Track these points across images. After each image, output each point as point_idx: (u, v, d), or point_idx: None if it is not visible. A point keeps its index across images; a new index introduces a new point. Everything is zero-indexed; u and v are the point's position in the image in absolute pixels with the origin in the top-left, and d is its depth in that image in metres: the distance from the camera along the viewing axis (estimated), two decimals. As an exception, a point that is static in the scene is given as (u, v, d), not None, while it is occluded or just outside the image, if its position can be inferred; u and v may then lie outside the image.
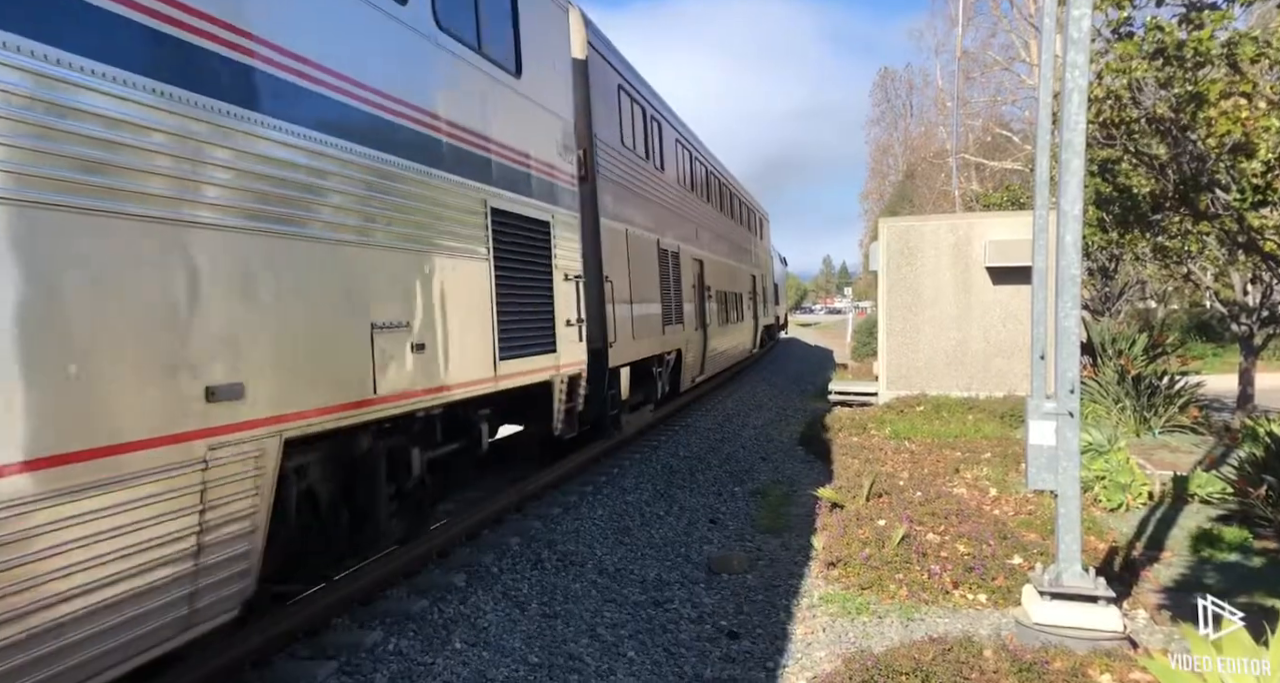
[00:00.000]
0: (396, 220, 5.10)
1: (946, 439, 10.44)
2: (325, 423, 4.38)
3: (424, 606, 5.56)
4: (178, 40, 3.53)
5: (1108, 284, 19.22)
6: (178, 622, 3.48)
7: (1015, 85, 32.59)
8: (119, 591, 3.12)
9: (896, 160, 59.12)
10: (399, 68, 5.25)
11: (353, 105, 4.75)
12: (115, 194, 3.15)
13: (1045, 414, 4.73)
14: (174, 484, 3.34)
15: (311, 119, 4.35)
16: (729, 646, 5.20)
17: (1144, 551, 6.28)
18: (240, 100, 3.84)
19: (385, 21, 5.11)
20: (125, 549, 3.13)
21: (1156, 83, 7.47)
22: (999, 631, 4.83)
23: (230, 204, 3.74)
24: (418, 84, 5.43)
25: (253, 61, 3.97)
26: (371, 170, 4.87)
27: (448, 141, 5.75)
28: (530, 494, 8.35)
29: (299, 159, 4.22)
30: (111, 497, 3.06)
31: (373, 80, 4.94)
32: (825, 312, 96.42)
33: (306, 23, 4.40)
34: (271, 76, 4.09)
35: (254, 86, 3.96)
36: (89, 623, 3.01)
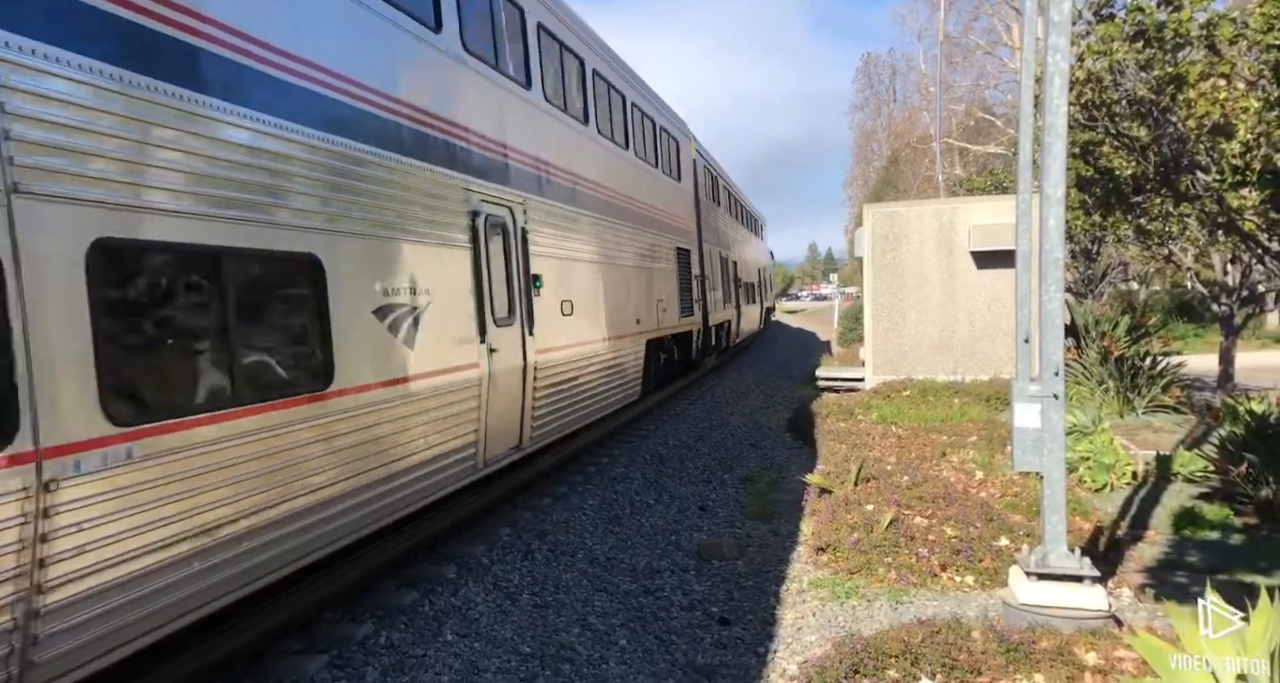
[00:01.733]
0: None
1: (933, 423, 10.50)
2: (653, 336, 12.32)
3: (415, 598, 5.56)
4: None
5: (1091, 267, 19.35)
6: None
7: (998, 69, 32.69)
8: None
9: (880, 146, 59.19)
10: (673, 198, 14.41)
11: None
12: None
13: (1030, 397, 4.77)
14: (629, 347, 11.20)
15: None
16: (720, 632, 5.24)
17: (1128, 530, 6.35)
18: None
19: (672, 187, 14.43)
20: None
21: (1137, 65, 7.50)
22: (986, 612, 4.88)
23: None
24: (676, 205, 14.64)
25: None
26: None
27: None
28: (521, 484, 8.35)
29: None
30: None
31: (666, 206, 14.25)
32: (811, 298, 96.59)
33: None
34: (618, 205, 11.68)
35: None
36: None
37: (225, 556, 4.06)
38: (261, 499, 4.27)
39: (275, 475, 4.38)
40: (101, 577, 3.43)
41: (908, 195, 41.23)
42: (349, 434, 4.95)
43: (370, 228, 5.29)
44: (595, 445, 10.71)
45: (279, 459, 4.40)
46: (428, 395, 5.80)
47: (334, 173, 4.97)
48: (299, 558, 4.69)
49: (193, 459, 3.84)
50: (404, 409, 5.52)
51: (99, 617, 3.46)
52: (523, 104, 8.06)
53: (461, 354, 6.35)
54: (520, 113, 7.95)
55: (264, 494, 4.29)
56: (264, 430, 4.27)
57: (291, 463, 4.48)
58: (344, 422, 4.90)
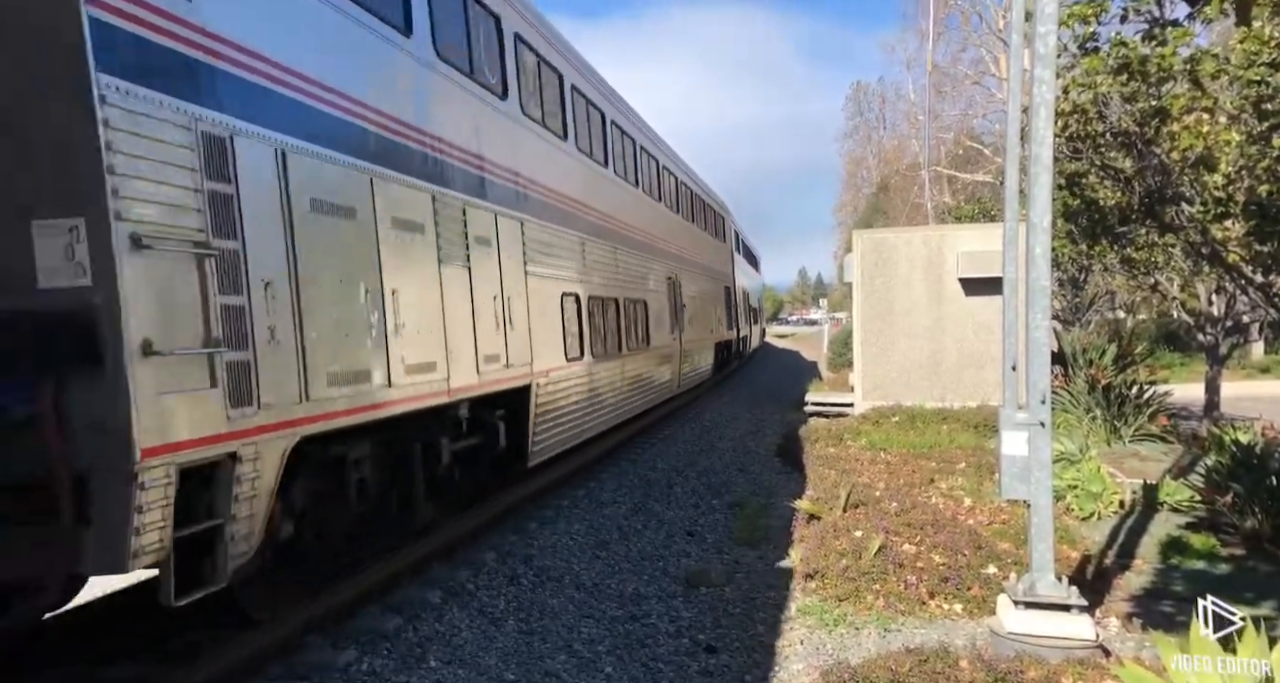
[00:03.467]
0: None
1: (921, 449, 10.51)
2: (718, 340, 22.84)
3: (399, 623, 5.48)
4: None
5: (1078, 295, 19.53)
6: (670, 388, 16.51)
7: (986, 99, 33.13)
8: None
9: (870, 173, 59.76)
10: (722, 255, 24.89)
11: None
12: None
13: (1017, 425, 4.78)
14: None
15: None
16: (707, 660, 5.18)
17: (1115, 559, 6.35)
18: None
19: (721, 247, 24.88)
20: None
21: (1121, 98, 7.62)
22: (974, 640, 4.85)
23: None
24: (722, 259, 25.09)
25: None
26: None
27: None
28: (507, 508, 8.28)
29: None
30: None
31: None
32: (801, 322, 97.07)
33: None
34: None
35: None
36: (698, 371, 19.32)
37: (605, 409, 10.75)
38: (628, 383, 12.06)
39: (635, 374, 12.37)
40: (555, 418, 8.72)
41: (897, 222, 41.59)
42: (653, 365, 13.81)
43: (699, 268, 18.40)
44: (583, 469, 10.66)
45: (641, 366, 12.73)
46: (671, 352, 15.50)
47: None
48: (630, 413, 12.56)
49: (595, 371, 10.04)
50: (663, 354, 14.68)
51: (555, 435, 8.94)
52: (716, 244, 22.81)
53: (669, 338, 15.59)
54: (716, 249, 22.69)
55: (630, 381, 12.19)
56: (640, 356, 12.57)
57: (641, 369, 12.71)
58: (650, 358, 13.44)
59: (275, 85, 4.68)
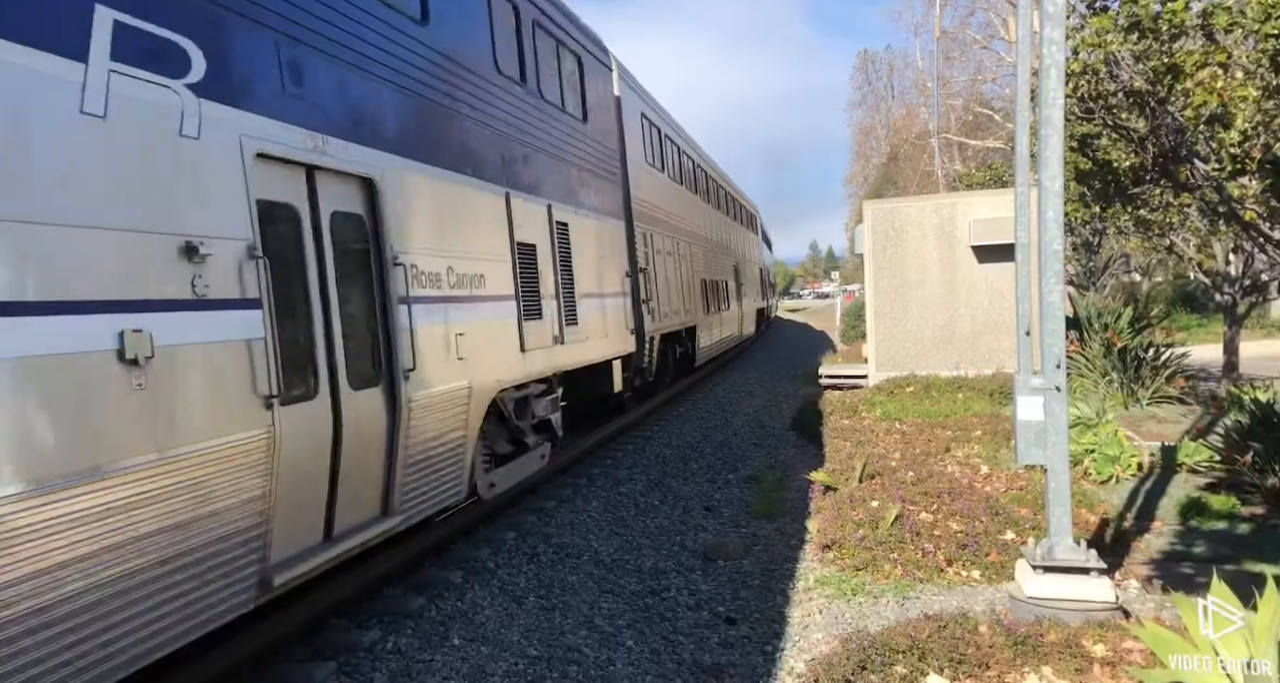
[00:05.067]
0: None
1: (937, 419, 10.49)
2: (758, 307, 32.13)
3: (421, 603, 5.56)
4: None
5: (1092, 259, 19.32)
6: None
7: (995, 63, 32.65)
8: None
9: (879, 143, 59.19)
10: (757, 244, 34.02)
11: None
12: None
13: (1033, 390, 4.76)
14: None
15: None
16: (726, 631, 5.23)
17: (1134, 521, 6.34)
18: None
19: (757, 240, 34.32)
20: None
21: (1132, 56, 7.48)
22: (993, 606, 4.87)
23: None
24: (758, 247, 34.32)
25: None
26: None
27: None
28: (525, 489, 8.34)
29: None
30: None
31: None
32: (813, 296, 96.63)
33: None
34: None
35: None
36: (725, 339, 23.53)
37: (717, 341, 19.61)
38: (724, 327, 20.79)
39: (726, 322, 21.11)
40: (705, 341, 18.32)
41: (908, 191, 41.21)
42: (734, 319, 22.76)
43: (746, 256, 27.88)
44: (598, 447, 10.71)
45: (727, 319, 21.15)
46: (738, 312, 23.96)
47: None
48: (725, 347, 21.23)
49: (710, 321, 18.50)
50: (736, 313, 23.20)
51: (705, 350, 18.07)
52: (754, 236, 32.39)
53: (736, 304, 23.52)
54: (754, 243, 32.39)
55: (724, 326, 20.87)
56: (725, 313, 21.08)
57: (727, 320, 21.32)
58: (732, 315, 22.19)
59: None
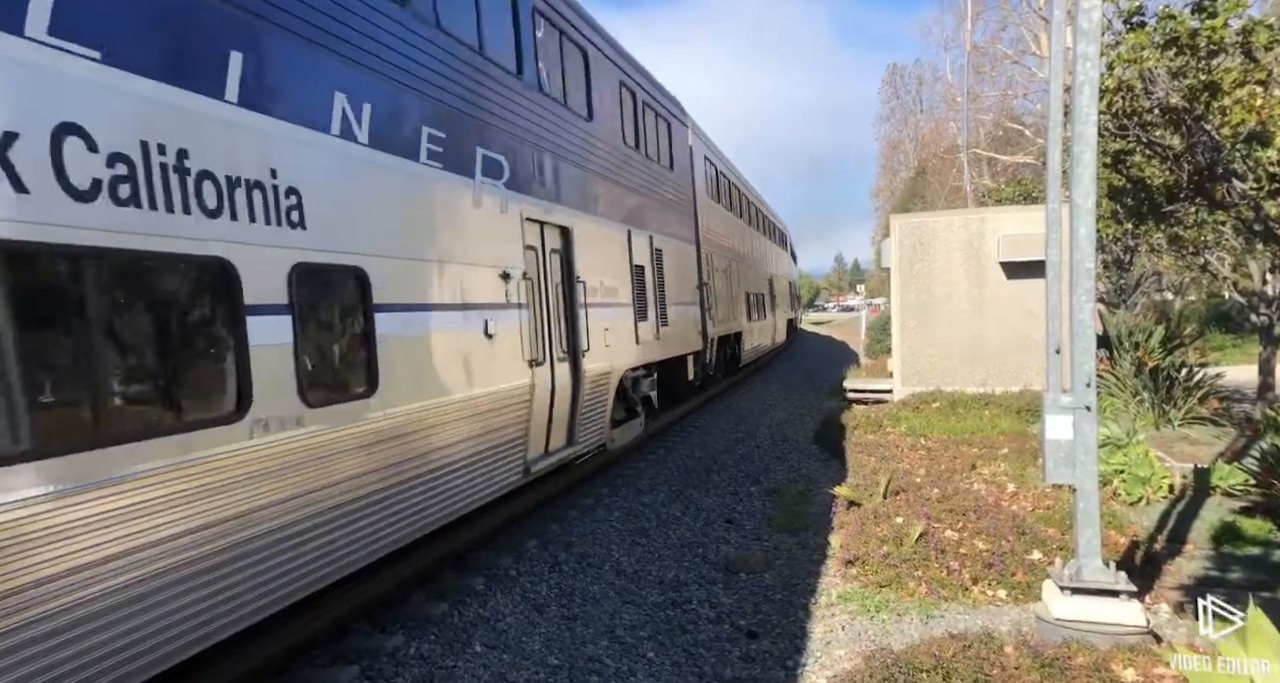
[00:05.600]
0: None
1: (963, 435, 10.38)
2: (788, 318, 35.03)
3: (444, 609, 5.59)
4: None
5: (1123, 276, 19.05)
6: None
7: (1026, 79, 32.38)
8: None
9: (907, 156, 58.83)
10: (787, 261, 35.70)
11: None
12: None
13: (1062, 408, 4.70)
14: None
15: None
16: (748, 645, 5.20)
17: (1166, 544, 6.22)
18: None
19: (787, 257, 35.82)
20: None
21: (1169, 73, 7.40)
22: (1019, 627, 4.80)
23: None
24: (788, 264, 36.43)
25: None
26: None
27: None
28: (546, 497, 8.37)
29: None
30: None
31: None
32: (837, 309, 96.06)
33: None
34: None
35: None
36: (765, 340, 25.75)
37: (759, 345, 22.98)
38: (764, 333, 24.10)
39: (764, 329, 24.22)
40: (749, 344, 21.03)
41: (935, 206, 40.93)
42: (769, 327, 25.44)
43: (778, 272, 29.39)
44: (619, 459, 10.71)
45: (765, 326, 24.08)
46: (773, 321, 26.77)
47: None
48: (765, 349, 25.06)
49: (751, 327, 21.07)
50: (771, 322, 26.19)
51: (748, 352, 20.80)
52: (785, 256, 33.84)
53: (771, 314, 25.99)
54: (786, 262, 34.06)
55: (764, 333, 24.11)
56: (763, 321, 23.78)
57: (765, 327, 24.39)
58: (767, 323, 24.89)
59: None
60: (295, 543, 4.22)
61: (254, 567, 3.96)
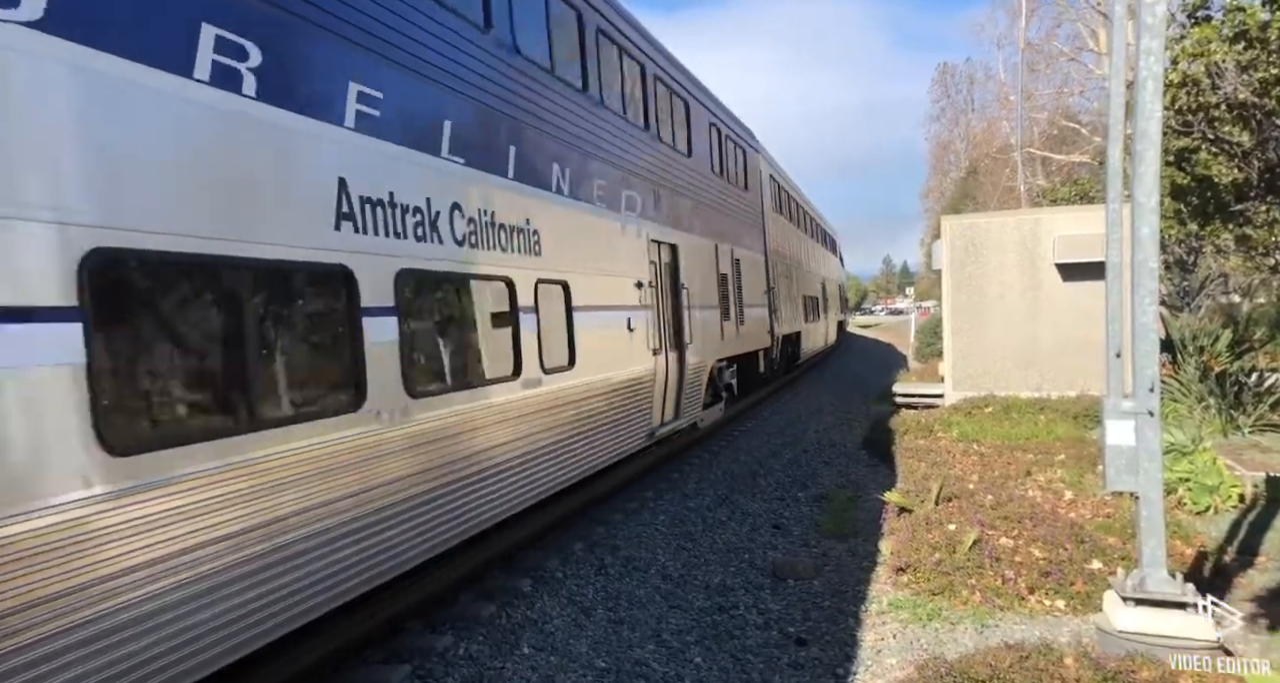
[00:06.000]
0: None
1: (1017, 441, 10.14)
2: (839, 320, 37.18)
3: (492, 610, 5.63)
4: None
5: (1186, 278, 18.42)
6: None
7: (1083, 76, 31.53)
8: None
9: (958, 157, 57.77)
10: (836, 265, 37.14)
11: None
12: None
13: (1123, 413, 4.56)
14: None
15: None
16: (796, 652, 5.14)
17: (1236, 555, 5.98)
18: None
19: (837, 264, 37.84)
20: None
21: (1238, 67, 7.14)
22: (1079, 638, 4.66)
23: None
24: (837, 268, 37.50)
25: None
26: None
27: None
28: (593, 499, 8.39)
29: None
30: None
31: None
32: (886, 312, 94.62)
33: None
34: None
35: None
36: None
37: (814, 345, 24.28)
38: (819, 334, 25.72)
39: (819, 330, 25.90)
40: (807, 345, 22.67)
41: (987, 207, 40.07)
42: (822, 328, 27.11)
43: (830, 276, 31.14)
44: (664, 461, 10.70)
45: (819, 327, 25.79)
46: (826, 323, 28.73)
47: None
48: (820, 348, 26.65)
49: (808, 328, 22.70)
50: (825, 323, 28.01)
51: (806, 351, 22.45)
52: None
53: (824, 315, 27.12)
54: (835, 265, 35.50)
55: (819, 334, 25.81)
56: (818, 322, 25.61)
57: (819, 329, 26.33)
58: (820, 324, 26.23)
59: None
60: (492, 483, 5.72)
61: (430, 514, 5.05)
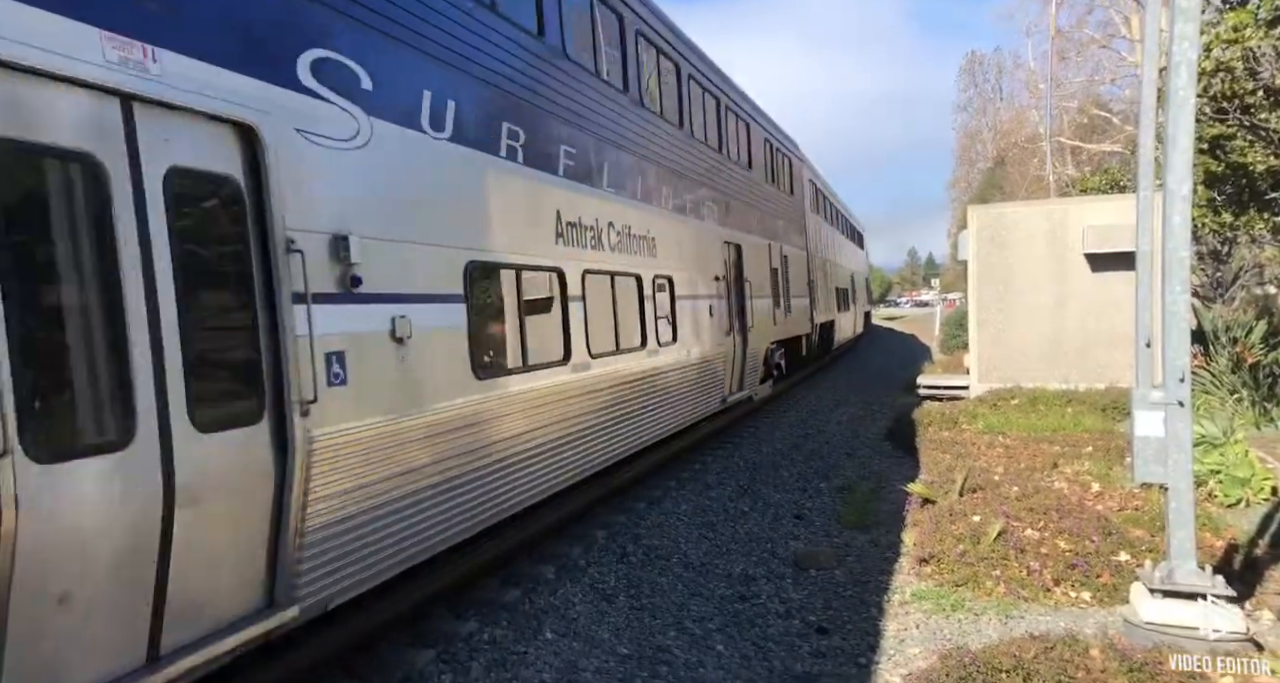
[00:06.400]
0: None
1: (1043, 433, 10.03)
2: (866, 310, 39.59)
3: (516, 596, 5.70)
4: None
5: (1220, 269, 18.07)
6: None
7: (1114, 63, 30.95)
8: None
9: (985, 147, 56.99)
10: (862, 258, 38.78)
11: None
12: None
13: (1153, 404, 4.50)
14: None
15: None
16: (818, 641, 5.15)
17: (1268, 549, 5.89)
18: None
19: (863, 257, 39.52)
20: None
21: (1275, 52, 6.99)
22: (1105, 629, 4.62)
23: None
24: (862, 261, 38.55)
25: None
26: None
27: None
28: (615, 488, 8.44)
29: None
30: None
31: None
32: (910, 304, 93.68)
33: None
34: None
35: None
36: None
37: (844, 333, 25.97)
38: (849, 323, 27.95)
39: (849, 319, 27.68)
40: (839, 333, 24.52)
41: (1014, 197, 39.53)
42: (851, 317, 28.95)
43: (857, 270, 33.33)
44: (687, 451, 10.72)
45: (849, 316, 27.91)
46: (855, 313, 30.73)
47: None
48: (849, 336, 28.46)
49: (838, 318, 24.06)
50: (854, 313, 30.10)
51: (838, 339, 24.73)
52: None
53: (853, 305, 29.37)
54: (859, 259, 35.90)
55: (849, 323, 27.86)
56: (848, 312, 27.41)
57: (849, 318, 27.93)
58: (849, 314, 27.98)
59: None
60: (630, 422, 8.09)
61: (600, 437, 7.32)
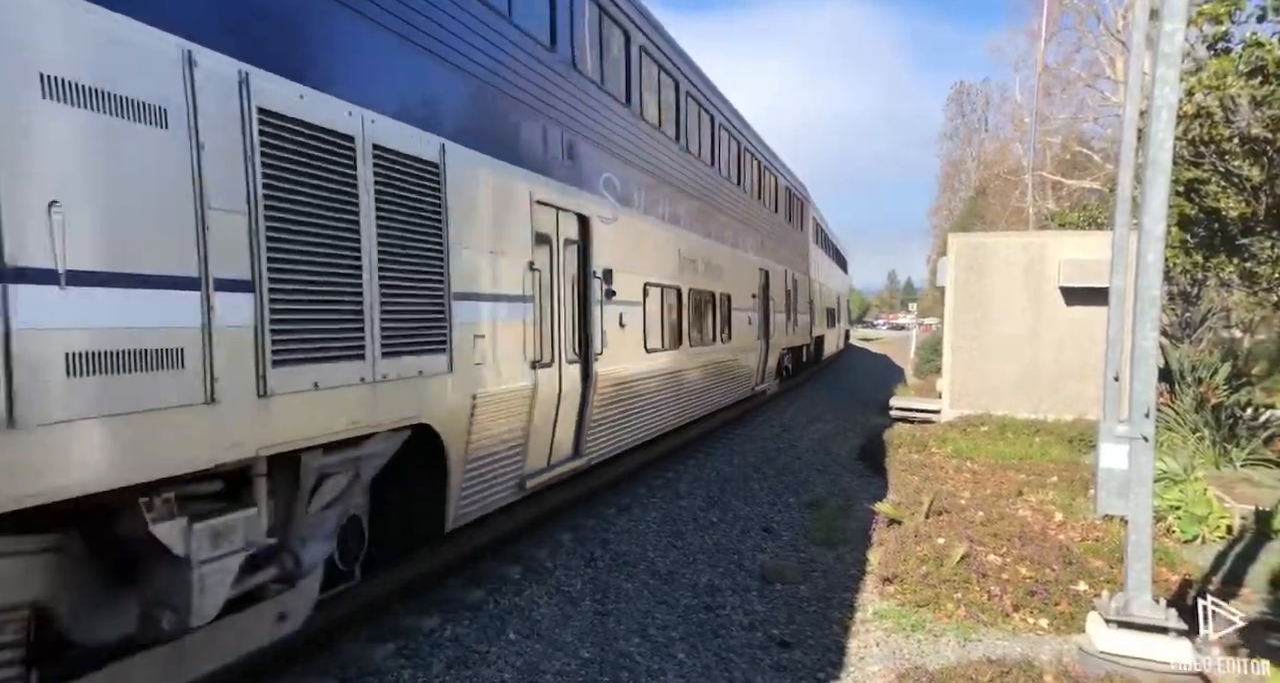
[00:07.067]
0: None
1: (1011, 461, 10.18)
2: (846, 328, 44.80)
3: (480, 596, 5.68)
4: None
5: (1189, 310, 18.46)
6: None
7: (1098, 102, 31.58)
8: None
9: (969, 176, 57.82)
10: (844, 279, 41.10)
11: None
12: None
13: (1118, 437, 4.61)
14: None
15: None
16: (780, 654, 5.19)
17: (1220, 586, 6.02)
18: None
19: (846, 280, 44.01)
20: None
21: (1252, 101, 7.19)
22: (1060, 657, 4.70)
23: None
24: (844, 282, 41.08)
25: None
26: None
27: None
28: (584, 494, 8.44)
29: None
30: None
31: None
32: (888, 326, 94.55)
33: None
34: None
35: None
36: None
37: (830, 349, 29.99)
38: (837, 338, 34.02)
39: (834, 335, 31.39)
40: (828, 347, 29.34)
41: (995, 227, 40.11)
42: (836, 332, 33.55)
43: (841, 291, 36.16)
44: (658, 460, 10.74)
45: (834, 331, 32.42)
46: (839, 330, 36.19)
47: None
48: (834, 350, 32.55)
49: (825, 333, 27.26)
50: (837, 330, 34.79)
51: (827, 352, 29.10)
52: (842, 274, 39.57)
53: (837, 323, 33.87)
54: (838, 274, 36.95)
55: (835, 338, 32.74)
56: (835, 328, 31.83)
57: (834, 333, 31.81)
58: (835, 330, 32.49)
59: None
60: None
61: (705, 393, 11.44)
